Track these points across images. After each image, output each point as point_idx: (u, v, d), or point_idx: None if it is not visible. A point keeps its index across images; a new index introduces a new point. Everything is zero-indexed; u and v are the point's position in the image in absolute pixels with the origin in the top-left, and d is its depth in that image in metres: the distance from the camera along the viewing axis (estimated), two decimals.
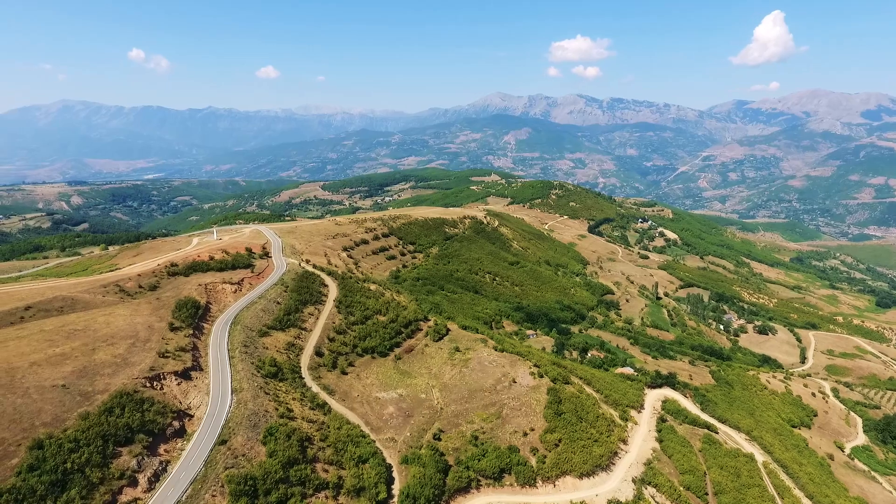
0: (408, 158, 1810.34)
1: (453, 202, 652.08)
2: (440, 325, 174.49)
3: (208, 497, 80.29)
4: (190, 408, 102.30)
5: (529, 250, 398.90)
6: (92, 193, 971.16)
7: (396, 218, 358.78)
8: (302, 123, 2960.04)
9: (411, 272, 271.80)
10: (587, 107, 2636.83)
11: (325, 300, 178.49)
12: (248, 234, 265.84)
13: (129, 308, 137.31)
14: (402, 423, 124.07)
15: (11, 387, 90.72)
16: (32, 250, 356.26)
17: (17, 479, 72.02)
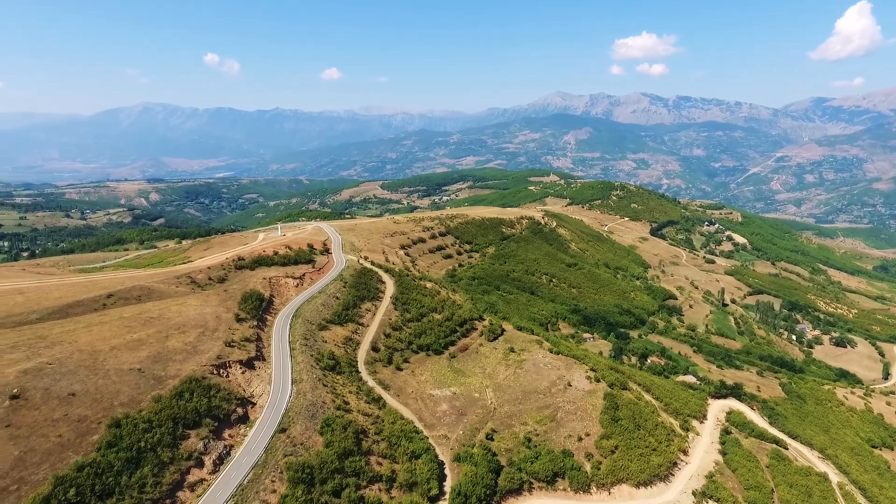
0: (466, 158, 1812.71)
1: (511, 202, 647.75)
2: (495, 325, 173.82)
3: (268, 482, 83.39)
4: (253, 396, 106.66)
5: (588, 252, 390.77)
6: (168, 190, 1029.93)
7: (453, 217, 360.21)
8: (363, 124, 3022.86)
9: (467, 271, 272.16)
10: (652, 105, 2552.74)
11: (382, 297, 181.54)
12: (310, 230, 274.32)
13: (199, 299, 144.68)
14: (455, 421, 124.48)
15: (94, 368, 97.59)
16: (115, 243, 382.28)
17: (98, 454, 77.35)
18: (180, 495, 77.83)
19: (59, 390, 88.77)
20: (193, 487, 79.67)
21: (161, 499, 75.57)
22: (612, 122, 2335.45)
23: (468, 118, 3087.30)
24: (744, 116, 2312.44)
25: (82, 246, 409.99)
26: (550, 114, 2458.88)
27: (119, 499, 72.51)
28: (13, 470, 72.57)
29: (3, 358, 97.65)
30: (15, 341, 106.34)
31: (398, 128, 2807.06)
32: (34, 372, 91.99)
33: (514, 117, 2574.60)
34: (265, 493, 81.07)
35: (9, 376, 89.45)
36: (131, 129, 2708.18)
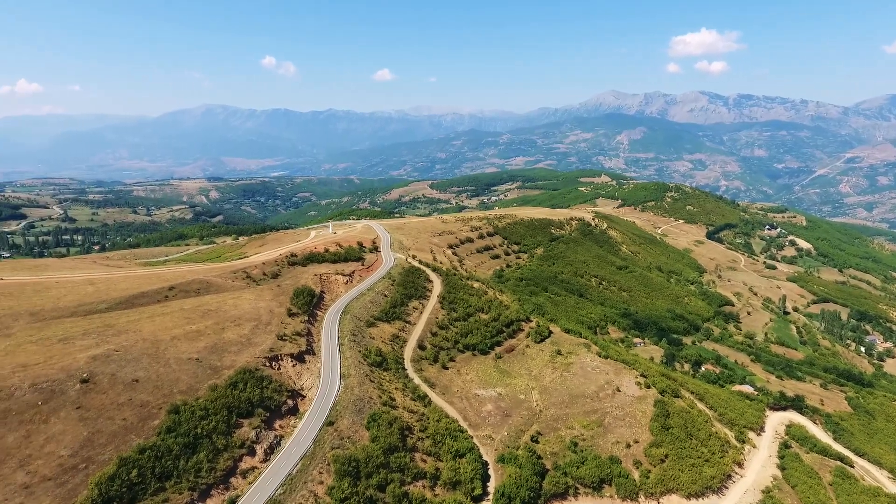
0: (515, 158, 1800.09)
1: (560, 203, 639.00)
2: (542, 327, 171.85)
3: (316, 473, 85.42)
4: (302, 388, 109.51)
5: (640, 255, 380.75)
6: (227, 189, 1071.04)
7: (502, 217, 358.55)
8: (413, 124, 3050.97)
9: (515, 272, 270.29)
10: (710, 104, 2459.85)
11: (430, 295, 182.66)
12: (359, 229, 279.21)
13: (254, 293, 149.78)
14: (500, 422, 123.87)
15: (156, 356, 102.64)
16: (177, 238, 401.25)
17: (158, 438, 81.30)
18: (233, 481, 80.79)
19: (124, 376, 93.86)
20: (245, 475, 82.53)
21: (215, 484, 78.66)
22: (667, 121, 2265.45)
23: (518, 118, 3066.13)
24: (810, 115, 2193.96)
25: (147, 241, 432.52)
26: (603, 113, 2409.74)
27: (177, 482, 75.95)
28: (82, 449, 77.23)
29: (74, 344, 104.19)
30: (86, 329, 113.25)
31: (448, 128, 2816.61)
32: (102, 358, 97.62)
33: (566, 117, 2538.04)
34: (313, 484, 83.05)
35: (80, 361, 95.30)
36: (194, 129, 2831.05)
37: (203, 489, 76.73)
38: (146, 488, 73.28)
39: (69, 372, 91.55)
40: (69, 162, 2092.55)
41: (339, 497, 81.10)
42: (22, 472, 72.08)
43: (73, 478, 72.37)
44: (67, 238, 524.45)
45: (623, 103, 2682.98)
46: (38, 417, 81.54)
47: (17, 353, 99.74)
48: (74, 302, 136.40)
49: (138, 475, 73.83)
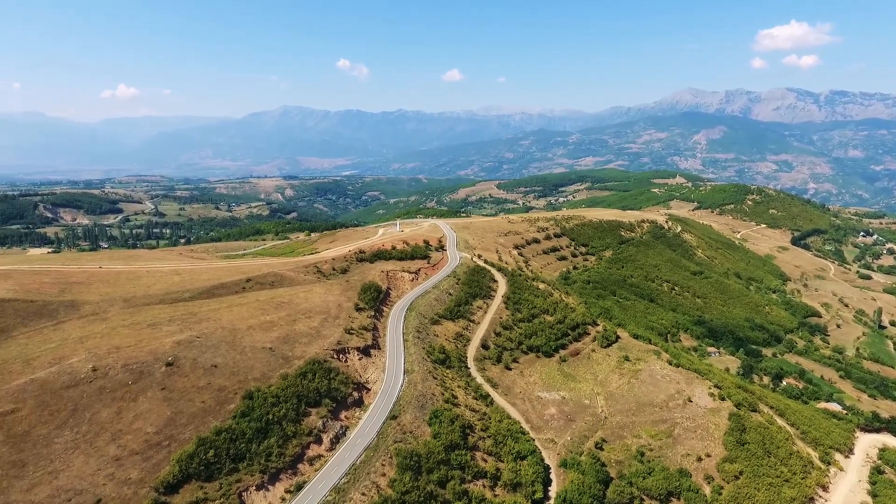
0: (585, 159, 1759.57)
1: (631, 205, 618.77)
2: (609, 332, 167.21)
3: (378, 465, 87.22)
4: (368, 382, 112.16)
5: (716, 260, 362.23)
6: (301, 187, 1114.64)
7: (570, 218, 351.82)
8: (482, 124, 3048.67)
9: (582, 274, 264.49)
10: (799, 101, 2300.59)
11: (494, 295, 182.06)
12: (426, 227, 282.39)
13: (323, 287, 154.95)
14: (564, 426, 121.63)
15: (233, 344, 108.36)
16: (254, 233, 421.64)
17: (233, 421, 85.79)
18: (300, 467, 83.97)
19: (204, 361, 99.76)
20: (312, 462, 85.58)
21: (284, 468, 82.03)
22: (750, 120, 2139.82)
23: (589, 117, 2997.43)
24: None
25: (228, 235, 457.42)
26: (679, 112, 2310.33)
27: (249, 464, 79.85)
28: (166, 427, 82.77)
29: (161, 329, 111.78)
30: (171, 315, 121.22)
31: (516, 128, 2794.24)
32: (185, 343, 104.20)
33: (639, 116, 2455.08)
34: (375, 476, 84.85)
35: (166, 345, 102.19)
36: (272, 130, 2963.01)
37: (273, 473, 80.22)
38: (221, 468, 77.51)
39: (156, 355, 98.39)
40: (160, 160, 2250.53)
41: (401, 490, 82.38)
42: (114, 445, 78.17)
43: (158, 454, 77.67)
44: (157, 231, 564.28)
45: (702, 101, 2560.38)
46: (129, 396, 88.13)
47: (112, 335, 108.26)
48: (162, 290, 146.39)
49: (214, 455, 78.21)
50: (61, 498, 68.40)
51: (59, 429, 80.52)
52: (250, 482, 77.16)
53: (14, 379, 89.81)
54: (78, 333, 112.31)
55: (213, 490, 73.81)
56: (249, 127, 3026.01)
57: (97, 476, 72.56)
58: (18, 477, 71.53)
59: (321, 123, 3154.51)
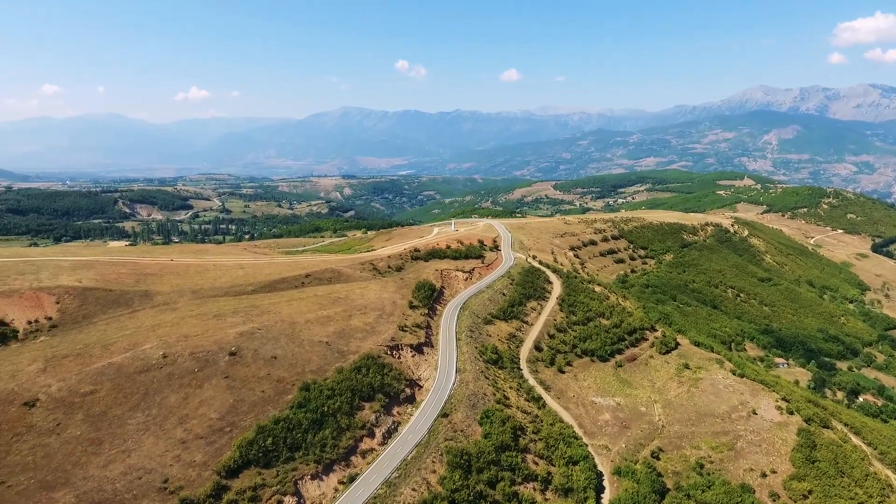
0: (646, 159, 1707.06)
1: (694, 207, 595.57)
2: (669, 338, 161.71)
3: (429, 462, 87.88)
4: (420, 379, 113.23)
5: (786, 267, 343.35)
6: (359, 186, 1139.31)
7: (628, 220, 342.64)
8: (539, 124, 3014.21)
9: (640, 278, 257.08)
10: (883, 98, 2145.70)
11: (549, 297, 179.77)
12: (481, 227, 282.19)
13: (379, 284, 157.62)
14: (618, 433, 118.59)
15: (292, 337, 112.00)
16: (313, 230, 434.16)
17: (290, 411, 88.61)
18: (353, 460, 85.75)
19: (264, 353, 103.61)
20: (365, 455, 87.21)
21: (337, 460, 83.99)
22: (826, 118, 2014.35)
23: (650, 117, 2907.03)
24: None
25: (288, 231, 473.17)
26: (749, 110, 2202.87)
27: (304, 454, 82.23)
28: (228, 414, 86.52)
29: (226, 320, 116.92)
30: (235, 307, 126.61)
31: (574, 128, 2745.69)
32: (247, 335, 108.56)
33: (704, 115, 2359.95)
34: (426, 472, 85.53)
35: (229, 336, 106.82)
36: (332, 130, 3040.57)
37: (327, 463, 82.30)
38: (279, 456, 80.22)
39: (220, 345, 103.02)
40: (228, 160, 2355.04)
41: (451, 488, 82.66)
42: (180, 429, 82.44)
43: (220, 439, 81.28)
44: (224, 227, 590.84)
45: (773, 99, 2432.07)
46: (195, 382, 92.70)
47: (181, 324, 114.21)
48: (227, 283, 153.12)
49: (272, 443, 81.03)
50: (133, 475, 72.71)
51: (132, 411, 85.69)
52: (305, 471, 79.45)
53: (94, 362, 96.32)
54: (150, 322, 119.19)
55: (270, 477, 76.49)
56: (311, 127, 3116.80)
57: (165, 457, 76.71)
58: (96, 454, 76.64)
59: (379, 124, 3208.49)
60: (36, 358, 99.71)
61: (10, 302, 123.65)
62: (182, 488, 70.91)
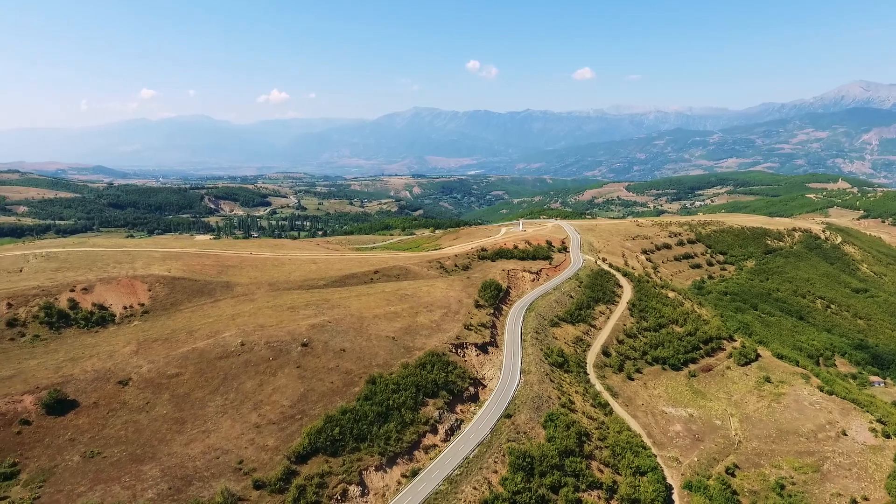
0: (727, 160, 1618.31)
1: (780, 211, 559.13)
2: (748, 349, 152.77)
3: (491, 462, 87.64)
4: (484, 378, 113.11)
5: (886, 277, 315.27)
6: (427, 185, 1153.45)
7: (706, 224, 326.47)
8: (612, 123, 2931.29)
9: (718, 285, 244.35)
10: None
11: (618, 301, 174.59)
12: (549, 228, 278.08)
13: (445, 282, 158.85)
14: (690, 446, 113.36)
15: (360, 331, 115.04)
16: (383, 228, 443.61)
17: (357, 403, 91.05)
18: (416, 454, 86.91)
19: (334, 345, 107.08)
20: (427, 450, 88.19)
21: (401, 453, 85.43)
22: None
23: (733, 115, 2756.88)
24: None
25: (359, 229, 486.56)
26: (845, 108, 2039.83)
27: (369, 445, 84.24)
28: (299, 402, 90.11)
29: (299, 312, 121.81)
30: (308, 301, 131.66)
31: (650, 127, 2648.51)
32: (318, 327, 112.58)
33: (794, 113, 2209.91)
34: (487, 472, 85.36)
35: (302, 328, 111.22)
36: (403, 130, 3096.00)
37: (391, 456, 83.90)
38: (345, 446, 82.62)
39: (293, 336, 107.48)
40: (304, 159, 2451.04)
41: (512, 489, 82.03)
42: (255, 414, 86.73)
43: (291, 425, 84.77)
44: (299, 223, 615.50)
45: (874, 95, 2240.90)
46: (269, 370, 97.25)
47: (258, 315, 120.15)
48: (301, 277, 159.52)
49: (339, 433, 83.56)
50: (211, 455, 77.25)
51: (212, 394, 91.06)
52: (370, 462, 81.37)
53: (179, 347, 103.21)
54: (230, 311, 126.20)
55: (336, 465, 78.92)
56: (383, 127, 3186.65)
57: (241, 439, 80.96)
58: (179, 432, 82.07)
59: (449, 124, 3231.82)
60: (130, 340, 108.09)
61: (109, 288, 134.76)
62: (255, 470, 74.55)
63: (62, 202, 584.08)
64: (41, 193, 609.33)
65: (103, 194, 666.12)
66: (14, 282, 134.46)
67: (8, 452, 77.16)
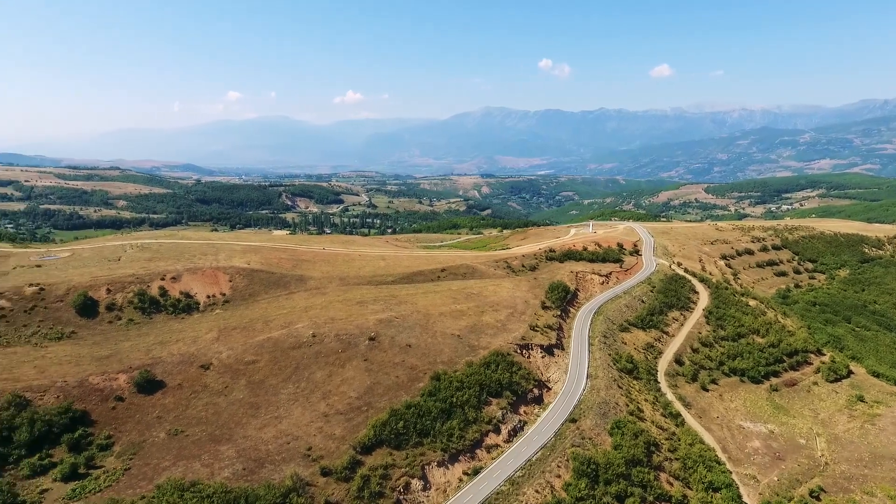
0: (819, 161, 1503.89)
1: (881, 217, 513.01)
2: (839, 364, 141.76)
3: (554, 466, 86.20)
4: (549, 381, 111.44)
5: None
6: (496, 185, 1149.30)
7: (794, 229, 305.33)
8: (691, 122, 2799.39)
9: (805, 294, 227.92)
10: None
11: (693, 307, 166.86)
12: (621, 230, 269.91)
13: (511, 282, 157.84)
14: (769, 464, 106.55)
15: (426, 328, 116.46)
16: (451, 227, 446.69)
17: (421, 399, 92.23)
18: (478, 453, 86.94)
19: (400, 340, 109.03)
20: (490, 450, 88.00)
21: (463, 451, 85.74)
22: None
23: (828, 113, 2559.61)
24: None
25: (427, 227, 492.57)
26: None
27: (432, 441, 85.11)
28: (365, 395, 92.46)
29: (367, 307, 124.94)
30: (376, 296, 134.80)
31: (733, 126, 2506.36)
32: (385, 322, 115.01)
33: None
34: (550, 476, 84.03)
35: (370, 322, 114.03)
36: (474, 130, 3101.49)
37: (453, 453, 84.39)
38: (408, 440, 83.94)
39: (362, 329, 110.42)
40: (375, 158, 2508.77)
41: (575, 495, 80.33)
42: (324, 403, 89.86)
43: (357, 416, 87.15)
44: (369, 221, 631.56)
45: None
46: (338, 362, 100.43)
47: (329, 308, 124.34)
48: (370, 273, 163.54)
49: (403, 427, 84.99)
50: (282, 440, 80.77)
51: (285, 382, 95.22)
52: (433, 458, 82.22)
53: (256, 335, 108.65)
54: (303, 303, 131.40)
55: (400, 458, 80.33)
56: (453, 127, 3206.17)
57: (310, 427, 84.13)
58: (254, 416, 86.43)
59: (520, 123, 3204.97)
60: (212, 328, 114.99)
61: (195, 278, 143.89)
62: (322, 458, 77.23)
63: (156, 197, 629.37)
64: (138, 189, 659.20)
65: (191, 190, 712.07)
66: (113, 269, 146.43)
67: (104, 426, 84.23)
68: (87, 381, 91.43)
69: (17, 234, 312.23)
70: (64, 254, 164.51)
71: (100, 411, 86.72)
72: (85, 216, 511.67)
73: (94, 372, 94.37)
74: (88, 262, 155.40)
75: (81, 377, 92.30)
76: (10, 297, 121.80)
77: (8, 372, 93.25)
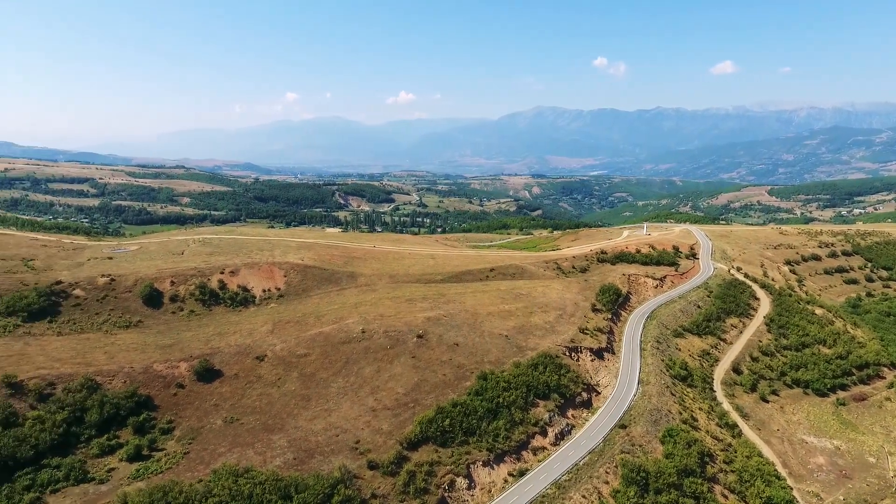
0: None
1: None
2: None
3: (602, 472, 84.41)
4: (598, 385, 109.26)
5: None
6: (547, 185, 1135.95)
7: (866, 234, 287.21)
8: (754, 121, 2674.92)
9: (879, 304, 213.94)
10: None
11: (754, 314, 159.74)
12: (677, 233, 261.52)
13: (561, 284, 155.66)
14: (835, 482, 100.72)
15: (474, 327, 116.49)
16: (500, 227, 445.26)
17: (467, 397, 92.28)
18: (524, 455, 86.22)
19: (447, 339, 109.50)
20: (536, 452, 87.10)
21: (509, 452, 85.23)
22: None
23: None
24: None
25: (477, 227, 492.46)
26: None
27: (478, 440, 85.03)
28: (413, 391, 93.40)
29: (416, 305, 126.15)
30: (425, 294, 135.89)
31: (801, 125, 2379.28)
32: (434, 320, 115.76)
33: None
34: (597, 482, 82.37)
35: (418, 320, 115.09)
36: (525, 130, 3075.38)
37: (498, 453, 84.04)
38: (454, 438, 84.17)
39: (410, 327, 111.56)
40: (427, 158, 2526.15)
41: (623, 503, 78.46)
42: (372, 398, 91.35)
43: (404, 412, 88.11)
44: (419, 220, 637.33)
45: None
46: (386, 358, 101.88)
47: (378, 305, 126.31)
48: (419, 271, 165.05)
49: (450, 425, 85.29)
50: (331, 432, 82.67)
51: (335, 376, 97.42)
52: (478, 457, 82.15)
53: (308, 329, 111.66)
54: (354, 300, 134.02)
55: (445, 456, 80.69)
56: (504, 127, 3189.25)
57: (358, 421, 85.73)
58: (305, 408, 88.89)
59: (573, 123, 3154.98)
60: (267, 321, 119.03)
61: (252, 272, 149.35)
62: (369, 451, 78.51)
63: (217, 195, 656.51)
64: (200, 187, 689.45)
65: (250, 189, 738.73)
66: (177, 262, 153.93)
67: (166, 411, 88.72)
68: (152, 368, 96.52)
69: (91, 228, 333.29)
70: (133, 247, 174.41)
71: (162, 397, 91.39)
72: (152, 212, 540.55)
73: (158, 359, 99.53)
74: (155, 255, 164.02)
75: (146, 364, 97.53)
76: (85, 287, 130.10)
77: (81, 357, 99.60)
